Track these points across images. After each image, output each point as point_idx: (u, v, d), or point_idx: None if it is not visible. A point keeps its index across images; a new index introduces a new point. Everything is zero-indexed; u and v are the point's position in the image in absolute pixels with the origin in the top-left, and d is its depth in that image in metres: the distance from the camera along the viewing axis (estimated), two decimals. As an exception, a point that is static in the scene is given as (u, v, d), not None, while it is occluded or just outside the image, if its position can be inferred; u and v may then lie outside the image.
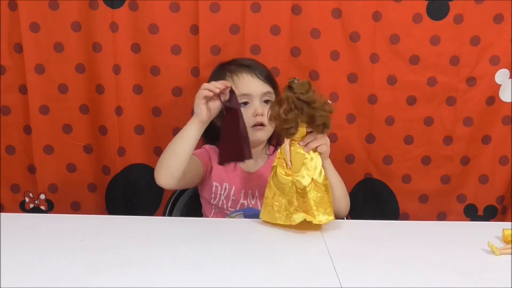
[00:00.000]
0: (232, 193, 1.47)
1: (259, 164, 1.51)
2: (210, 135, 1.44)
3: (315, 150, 1.23)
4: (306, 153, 1.22)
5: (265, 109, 1.39)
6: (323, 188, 1.22)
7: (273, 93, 1.48)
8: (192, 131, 1.32)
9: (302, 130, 1.22)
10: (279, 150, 1.25)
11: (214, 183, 1.47)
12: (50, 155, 1.78)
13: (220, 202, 1.47)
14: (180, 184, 1.37)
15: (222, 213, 1.48)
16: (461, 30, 1.71)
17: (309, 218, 1.21)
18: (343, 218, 1.48)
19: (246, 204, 1.47)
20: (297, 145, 1.23)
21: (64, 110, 1.75)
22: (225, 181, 1.47)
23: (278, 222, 1.25)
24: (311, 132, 1.22)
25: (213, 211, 1.50)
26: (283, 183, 1.23)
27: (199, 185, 1.50)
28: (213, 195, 1.48)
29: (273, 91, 1.49)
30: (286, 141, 1.23)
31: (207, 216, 1.52)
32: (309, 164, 1.21)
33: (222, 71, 1.51)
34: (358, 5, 1.68)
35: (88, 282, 0.97)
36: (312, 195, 1.20)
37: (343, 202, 1.41)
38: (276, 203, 1.25)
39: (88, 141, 1.78)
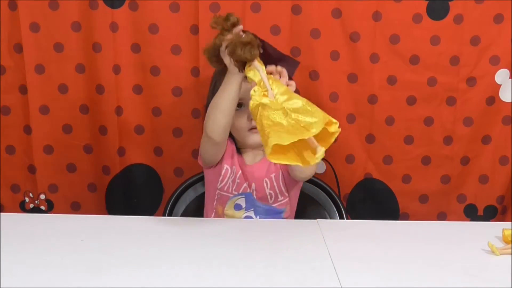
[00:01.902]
0: (238, 176, 1.48)
1: (256, 160, 1.51)
2: None
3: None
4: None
5: None
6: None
7: None
8: (233, 85, 1.31)
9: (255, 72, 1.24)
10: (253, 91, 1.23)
11: (225, 166, 1.48)
12: (50, 155, 1.78)
13: (226, 186, 1.48)
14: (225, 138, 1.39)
15: (224, 197, 1.49)
16: (461, 30, 1.70)
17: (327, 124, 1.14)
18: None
19: (248, 189, 1.48)
20: (272, 77, 1.23)
21: (64, 110, 1.75)
22: (234, 164, 1.49)
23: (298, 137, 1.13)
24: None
25: (216, 197, 1.50)
26: (275, 109, 1.16)
27: (211, 168, 1.50)
28: (221, 178, 1.48)
29: None
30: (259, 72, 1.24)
31: (208, 204, 1.52)
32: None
33: (220, 74, 1.52)
34: (358, 5, 1.68)
35: (88, 282, 0.97)
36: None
37: None
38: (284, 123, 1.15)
39: (88, 141, 1.78)
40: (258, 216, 1.49)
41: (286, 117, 1.15)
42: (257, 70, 1.24)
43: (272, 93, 1.19)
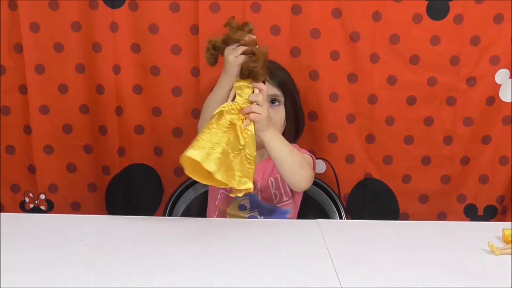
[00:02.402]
0: None
1: (261, 159, 1.51)
2: None
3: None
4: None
5: (272, 110, 1.39)
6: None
7: (281, 96, 1.48)
8: (225, 87, 1.33)
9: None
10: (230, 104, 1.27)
11: None
12: (50, 155, 1.78)
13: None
14: None
15: (228, 197, 1.48)
16: (461, 30, 1.70)
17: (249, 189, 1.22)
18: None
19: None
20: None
21: (64, 110, 1.75)
22: None
23: (229, 184, 1.22)
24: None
25: (219, 196, 1.50)
26: (240, 143, 1.23)
27: None
28: None
29: (282, 94, 1.48)
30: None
31: (211, 203, 1.52)
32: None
33: None
34: (358, 5, 1.68)
35: (88, 282, 0.97)
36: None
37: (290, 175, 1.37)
38: (233, 161, 1.23)
39: (88, 141, 1.78)
40: (262, 217, 1.49)
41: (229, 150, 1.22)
42: (258, 91, 1.28)
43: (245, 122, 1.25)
